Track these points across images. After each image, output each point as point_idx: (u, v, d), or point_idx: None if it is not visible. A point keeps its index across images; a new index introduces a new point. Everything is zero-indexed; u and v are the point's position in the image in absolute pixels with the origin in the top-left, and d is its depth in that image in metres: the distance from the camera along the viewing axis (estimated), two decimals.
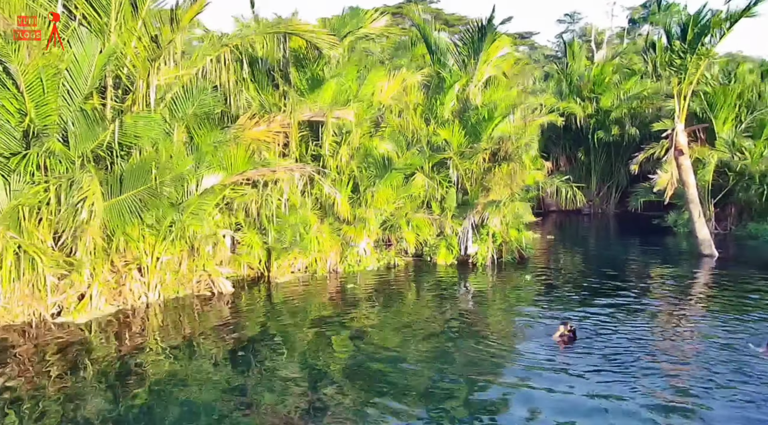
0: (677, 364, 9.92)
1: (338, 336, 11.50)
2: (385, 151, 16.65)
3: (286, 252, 15.65)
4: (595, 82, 30.61)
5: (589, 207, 31.81)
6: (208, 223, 13.91)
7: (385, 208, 16.88)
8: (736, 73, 27.42)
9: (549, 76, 37.57)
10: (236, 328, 12.03)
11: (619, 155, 30.50)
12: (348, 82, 16.26)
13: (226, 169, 13.48)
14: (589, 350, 10.38)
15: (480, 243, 17.74)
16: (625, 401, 8.16)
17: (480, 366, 9.74)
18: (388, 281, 16.17)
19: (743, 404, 8.07)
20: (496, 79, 20.90)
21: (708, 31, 18.17)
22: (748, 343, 10.13)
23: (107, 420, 7.69)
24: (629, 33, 61.57)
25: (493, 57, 20.10)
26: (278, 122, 14.79)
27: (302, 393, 8.69)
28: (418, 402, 8.37)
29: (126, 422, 7.61)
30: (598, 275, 17.40)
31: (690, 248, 20.74)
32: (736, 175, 24.14)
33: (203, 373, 9.45)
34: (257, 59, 15.38)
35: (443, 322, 12.55)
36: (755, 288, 15.30)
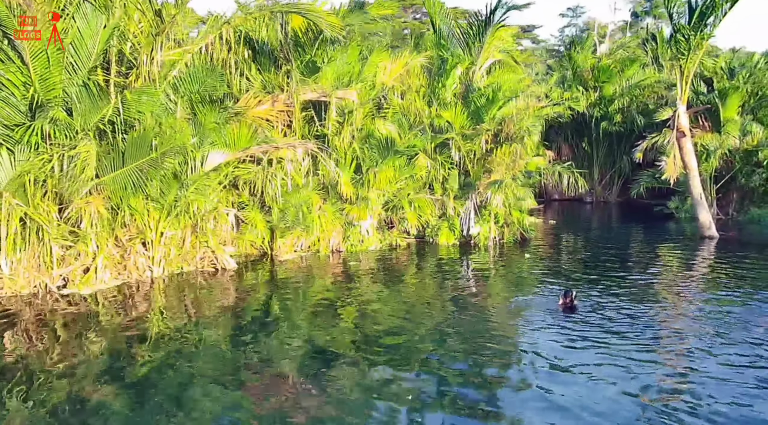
0: (675, 338, 9.99)
1: (340, 314, 11.53)
2: (388, 132, 16.72)
3: (289, 232, 15.75)
4: (599, 71, 30.62)
5: (591, 195, 31.84)
6: (212, 200, 14.01)
7: (387, 188, 16.94)
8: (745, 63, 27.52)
9: (552, 70, 37.63)
10: (240, 303, 12.13)
11: (621, 144, 30.54)
12: (350, 62, 16.33)
13: (230, 147, 13.57)
14: (588, 323, 10.42)
15: (482, 223, 17.81)
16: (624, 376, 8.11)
17: (480, 339, 9.77)
18: (391, 261, 16.26)
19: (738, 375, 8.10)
20: (501, 63, 20.99)
21: (711, 11, 18.21)
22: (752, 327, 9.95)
23: (112, 391, 7.72)
24: (632, 26, 61.51)
25: (497, 42, 20.18)
26: (281, 101, 14.89)
27: (306, 363, 8.68)
28: (421, 372, 8.37)
29: (131, 392, 7.64)
30: (598, 255, 17.48)
31: (691, 231, 20.78)
32: (740, 161, 24.18)
33: (207, 345, 9.48)
34: (259, 40, 15.46)
35: (445, 299, 12.62)
36: (753, 266, 15.37)
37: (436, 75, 18.79)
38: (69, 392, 7.55)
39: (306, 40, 15.96)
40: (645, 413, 6.91)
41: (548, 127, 29.86)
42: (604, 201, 32.06)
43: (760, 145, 23.73)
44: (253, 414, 7.04)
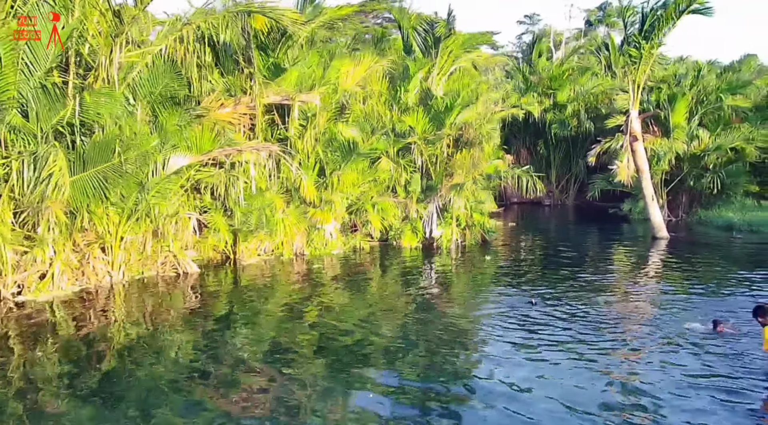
0: (629, 335, 10.41)
1: (305, 315, 11.56)
2: (350, 136, 16.84)
3: (253, 235, 15.68)
4: (551, 78, 31.50)
5: (550, 198, 32.67)
6: (173, 204, 13.84)
7: (350, 191, 17.06)
8: (688, 72, 28.77)
9: (510, 76, 38.47)
10: (202, 308, 12.01)
11: (576, 148, 31.45)
12: (313, 66, 16.39)
13: (192, 149, 13.44)
14: (546, 324, 10.76)
15: (444, 226, 18.10)
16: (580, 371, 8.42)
17: (443, 341, 9.98)
18: (354, 263, 16.36)
19: (690, 377, 8.40)
20: (462, 68, 21.39)
21: (660, 22, 19.02)
22: (696, 323, 10.44)
23: (69, 399, 7.55)
24: (586, 34, 63.34)
25: (455, 49, 20.57)
26: (244, 104, 14.84)
27: (269, 368, 8.67)
28: (384, 374, 8.49)
29: (90, 403, 7.44)
30: (556, 256, 17.99)
31: (644, 232, 21.60)
32: (689, 165, 25.23)
33: (168, 352, 9.36)
34: (221, 42, 15.35)
35: (408, 301, 12.76)
36: (701, 266, 16.12)
37: (398, 80, 19.03)
38: (25, 405, 7.29)
39: (269, 42, 15.94)
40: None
41: (507, 132, 30.57)
42: (562, 203, 32.94)
43: (707, 150, 24.83)
44: (219, 421, 6.99)
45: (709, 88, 26.68)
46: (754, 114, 26.90)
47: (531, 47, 35.90)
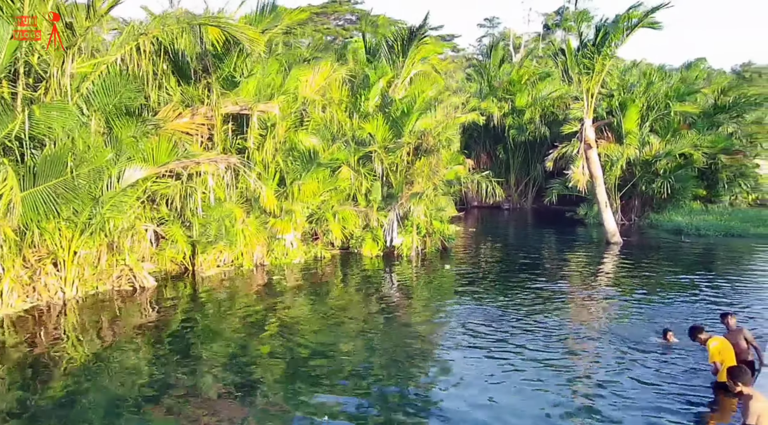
0: (585, 343, 10.77)
1: (265, 328, 11.58)
2: (311, 145, 16.83)
3: (212, 246, 15.51)
4: (511, 82, 32.04)
5: (509, 202, 33.25)
6: (129, 217, 13.59)
7: (311, 200, 17.05)
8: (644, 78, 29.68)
9: (471, 79, 38.95)
10: (159, 323, 11.86)
11: (534, 153, 32.08)
12: (272, 75, 16.31)
13: (148, 161, 13.21)
14: (508, 332, 11.05)
15: (405, 234, 18.26)
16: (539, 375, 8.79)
17: (404, 350, 10.15)
18: (315, 273, 16.37)
19: (643, 385, 8.80)
20: (421, 74, 21.55)
21: (612, 36, 19.62)
22: (648, 333, 10.83)
23: (20, 419, 7.41)
24: (544, 38, 64.56)
25: (419, 57, 20.76)
26: (202, 114, 14.66)
27: (229, 384, 8.68)
28: (344, 387, 8.61)
29: (40, 420, 7.35)
30: (515, 263, 18.37)
31: (598, 237, 22.24)
32: (641, 169, 26.08)
33: (124, 369, 9.24)
34: (178, 51, 15.12)
35: (369, 312, 12.92)
36: (653, 271, 16.74)
37: (358, 87, 19.10)
38: None
39: (225, 52, 15.76)
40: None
41: (468, 137, 30.99)
42: (521, 207, 33.57)
43: (658, 156, 25.71)
44: None
45: (659, 95, 27.62)
46: (701, 120, 28.02)
47: (490, 52, 36.40)
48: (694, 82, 33.04)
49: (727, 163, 27.28)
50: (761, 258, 19.09)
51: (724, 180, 27.97)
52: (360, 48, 23.62)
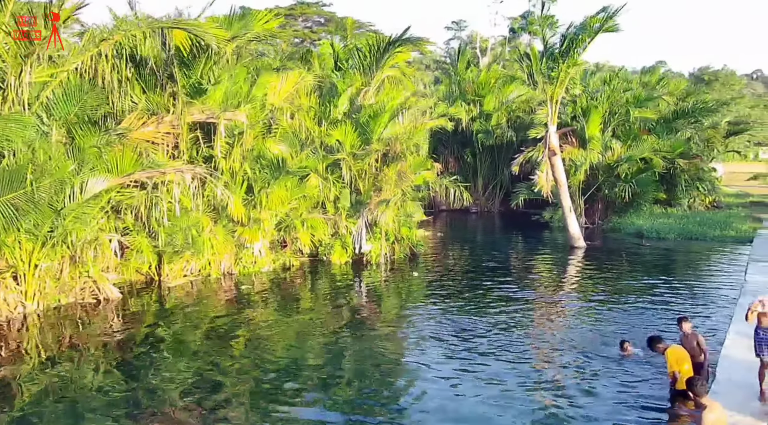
0: (551, 350, 11.02)
1: (233, 338, 11.53)
2: (279, 153, 16.78)
3: (178, 256, 15.33)
4: (479, 85, 32.45)
5: (476, 205, 33.64)
6: (93, 228, 13.34)
7: (279, 209, 16.98)
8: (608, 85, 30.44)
9: (439, 81, 39.32)
10: (124, 335, 11.69)
11: (501, 156, 32.52)
12: (239, 82, 16.20)
13: (112, 172, 12.99)
14: (474, 339, 11.23)
15: (373, 241, 18.35)
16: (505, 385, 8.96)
17: (373, 361, 10.23)
18: (284, 281, 16.33)
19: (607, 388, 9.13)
20: (390, 79, 21.63)
21: (576, 43, 20.08)
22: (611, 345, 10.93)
23: None
24: (510, 41, 65.52)
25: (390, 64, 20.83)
26: (167, 123, 14.48)
27: (196, 397, 8.64)
28: (312, 401, 8.66)
29: None
30: (483, 269, 18.63)
31: (563, 241, 22.71)
32: (604, 174, 26.72)
33: (85, 385, 9.11)
34: (142, 58, 14.88)
35: (338, 321, 12.95)
36: (616, 276, 17.20)
37: (327, 94, 19.10)
38: None
39: (191, 59, 15.59)
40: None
41: (436, 141, 31.23)
42: (488, 211, 33.99)
43: (620, 160, 26.38)
44: None
45: (621, 101, 28.34)
46: (660, 125, 28.88)
47: (457, 56, 36.78)
48: (653, 86, 34.07)
49: (685, 168, 28.16)
50: (717, 261, 19.78)
51: (682, 184, 28.86)
52: (328, 52, 23.65)
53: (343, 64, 20.85)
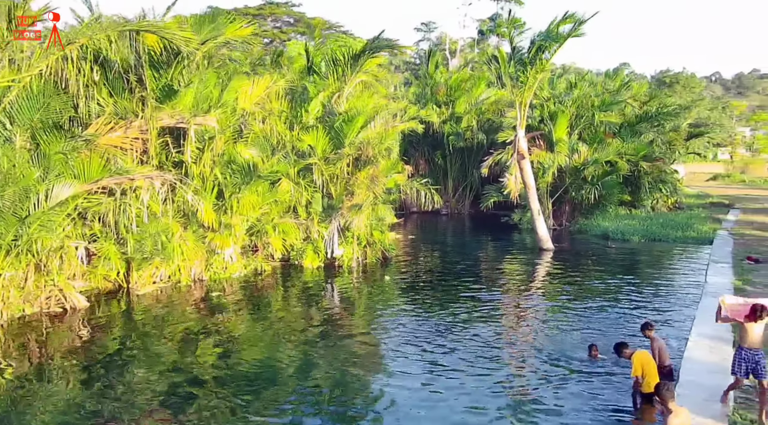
0: (521, 354, 11.24)
1: (203, 346, 11.44)
2: (250, 157, 16.66)
3: (147, 262, 15.11)
4: (450, 88, 32.73)
5: (447, 207, 33.93)
6: (59, 236, 13.04)
7: (251, 214, 16.86)
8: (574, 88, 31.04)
9: (409, 83, 39.52)
10: (92, 345, 11.49)
11: (471, 159, 32.90)
12: (210, 87, 16.02)
13: (79, 178, 12.73)
14: (445, 344, 11.37)
15: (345, 245, 18.38)
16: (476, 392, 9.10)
17: (345, 368, 10.27)
18: (256, 287, 16.24)
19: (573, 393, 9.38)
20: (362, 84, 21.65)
21: (543, 50, 20.46)
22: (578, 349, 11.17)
23: None
24: (479, 43, 66.24)
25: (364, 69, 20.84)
26: (136, 128, 14.26)
27: (166, 407, 8.57)
28: (286, 408, 8.67)
29: None
30: (453, 272, 18.82)
31: (532, 243, 23.10)
32: (570, 176, 27.27)
33: (51, 398, 8.94)
34: (109, 61, 14.60)
35: (310, 325, 12.97)
36: (583, 278, 17.58)
37: (299, 99, 19.03)
38: None
39: (161, 62, 15.36)
40: None
41: (407, 143, 31.39)
42: (458, 212, 34.32)
43: (586, 163, 26.97)
44: None
45: (587, 105, 28.96)
46: (624, 129, 29.64)
47: (427, 58, 37.01)
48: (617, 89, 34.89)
49: (649, 170, 28.94)
50: (680, 262, 20.40)
51: (645, 186, 29.67)
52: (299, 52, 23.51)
53: (317, 68, 20.75)
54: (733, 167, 73.79)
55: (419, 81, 36.87)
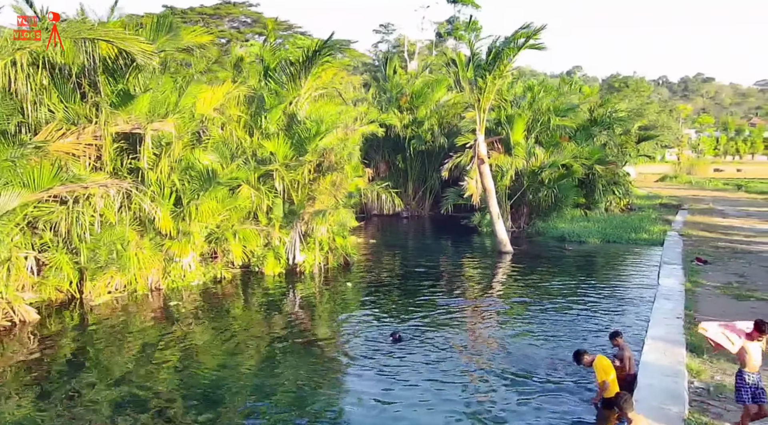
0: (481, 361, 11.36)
1: (160, 358, 11.16)
2: (209, 163, 16.34)
3: (102, 272, 14.63)
4: (413, 96, 32.89)
5: (407, 210, 34.11)
6: (6, 247, 12.49)
7: (210, 220, 16.52)
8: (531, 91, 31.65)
9: (368, 85, 39.49)
10: (42, 359, 11.07)
11: (431, 162, 33.15)
12: (166, 92, 15.63)
13: (29, 186, 12.22)
14: (409, 350, 11.41)
15: (307, 251, 18.23)
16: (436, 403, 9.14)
17: (306, 377, 10.19)
18: (215, 295, 15.94)
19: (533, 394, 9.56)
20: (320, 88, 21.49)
21: (501, 57, 20.79)
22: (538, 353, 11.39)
23: None
24: (437, 46, 66.80)
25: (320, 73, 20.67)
26: (89, 134, 13.79)
27: (123, 421, 8.35)
28: (245, 417, 8.54)
29: None
30: (415, 276, 18.91)
31: (492, 245, 23.44)
32: (528, 179, 27.79)
33: (1, 415, 8.57)
34: (60, 66, 14.05)
35: (272, 333, 12.83)
36: (541, 281, 17.94)
37: (259, 105, 18.75)
38: None
39: (116, 68, 14.89)
40: None
41: (367, 146, 31.38)
42: (419, 215, 34.53)
43: (543, 166, 27.54)
44: None
45: (542, 109, 29.60)
46: (579, 132, 30.44)
47: (385, 63, 37.07)
48: (570, 91, 35.84)
49: (602, 173, 29.79)
50: (633, 263, 21.07)
51: (600, 188, 30.53)
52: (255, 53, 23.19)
53: (272, 72, 20.48)
54: (680, 168, 76.75)
55: (378, 83, 36.93)
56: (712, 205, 37.26)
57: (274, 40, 26.36)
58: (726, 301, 13.65)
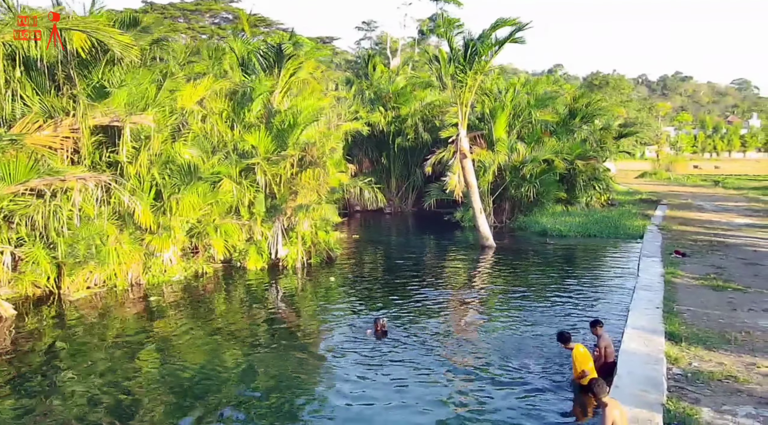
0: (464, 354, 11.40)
1: (141, 354, 11.00)
2: (190, 157, 16.18)
3: (80, 267, 14.42)
4: (397, 94, 32.90)
5: (390, 206, 34.13)
6: None
7: (191, 215, 16.37)
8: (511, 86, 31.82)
9: (351, 82, 39.42)
10: (20, 356, 10.86)
11: (414, 157, 33.22)
12: (145, 84, 15.43)
13: (4, 180, 12.00)
14: (395, 343, 11.41)
15: (290, 246, 18.15)
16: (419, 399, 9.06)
17: (292, 369, 10.15)
18: (196, 290, 15.80)
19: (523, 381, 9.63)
20: (303, 84, 21.39)
21: (482, 52, 20.87)
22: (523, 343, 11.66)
23: None
24: (419, 43, 66.89)
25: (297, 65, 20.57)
26: (66, 127, 13.56)
27: (100, 419, 8.23)
28: (228, 418, 8.45)
29: None
30: (398, 271, 18.94)
31: (474, 240, 23.55)
32: (510, 175, 27.96)
33: None
34: (35, 58, 13.77)
35: (254, 328, 12.74)
36: (524, 275, 18.09)
37: (240, 98, 18.60)
38: None
39: (93, 59, 14.67)
40: None
41: (351, 142, 31.37)
42: (401, 211, 34.58)
43: (525, 162, 27.73)
44: None
45: (523, 104, 29.78)
46: (560, 128, 30.69)
47: (367, 62, 37.04)
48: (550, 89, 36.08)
49: (583, 168, 30.08)
50: (614, 257, 21.30)
51: (581, 183, 30.82)
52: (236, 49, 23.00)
53: (248, 61, 20.30)
54: (659, 165, 77.89)
55: (360, 80, 36.90)
56: (691, 201, 37.84)
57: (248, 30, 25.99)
58: (704, 292, 13.86)
